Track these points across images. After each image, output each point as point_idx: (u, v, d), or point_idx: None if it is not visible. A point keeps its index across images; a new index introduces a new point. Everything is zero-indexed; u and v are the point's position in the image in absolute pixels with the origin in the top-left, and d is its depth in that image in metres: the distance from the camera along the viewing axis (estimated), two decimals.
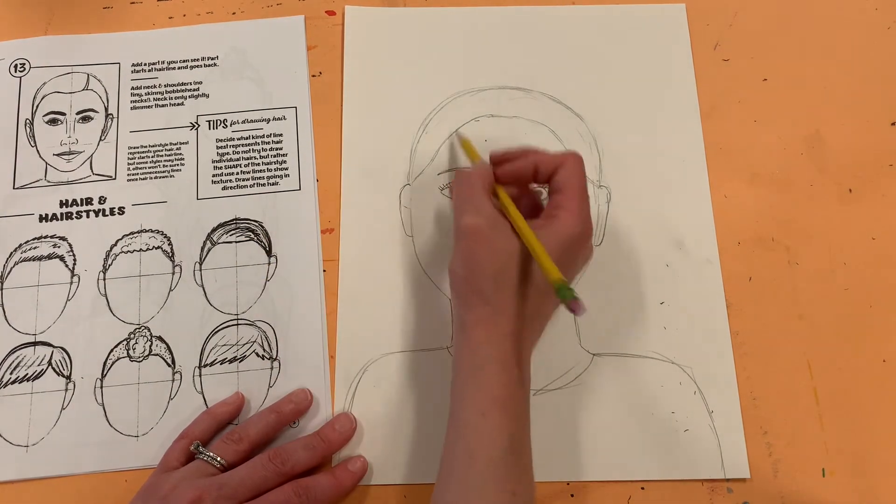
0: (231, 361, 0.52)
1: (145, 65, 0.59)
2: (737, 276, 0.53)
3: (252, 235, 0.54)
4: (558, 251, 0.43)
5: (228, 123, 0.57)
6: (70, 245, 0.54)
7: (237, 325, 0.52)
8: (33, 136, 0.57)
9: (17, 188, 0.56)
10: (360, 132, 0.57)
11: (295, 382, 0.51)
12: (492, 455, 0.40)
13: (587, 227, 0.45)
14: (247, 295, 0.53)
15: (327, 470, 0.48)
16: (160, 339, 0.52)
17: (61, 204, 0.55)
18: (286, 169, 0.56)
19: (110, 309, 0.53)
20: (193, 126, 0.57)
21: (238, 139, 0.57)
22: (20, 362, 0.52)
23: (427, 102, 0.58)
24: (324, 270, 0.54)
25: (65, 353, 0.52)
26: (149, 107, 0.58)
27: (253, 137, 0.57)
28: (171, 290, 0.53)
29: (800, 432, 0.50)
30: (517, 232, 0.44)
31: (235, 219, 0.55)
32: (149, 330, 0.52)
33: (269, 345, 0.52)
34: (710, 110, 0.58)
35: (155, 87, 0.59)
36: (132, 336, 0.52)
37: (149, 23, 0.60)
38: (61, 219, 0.55)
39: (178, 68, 0.59)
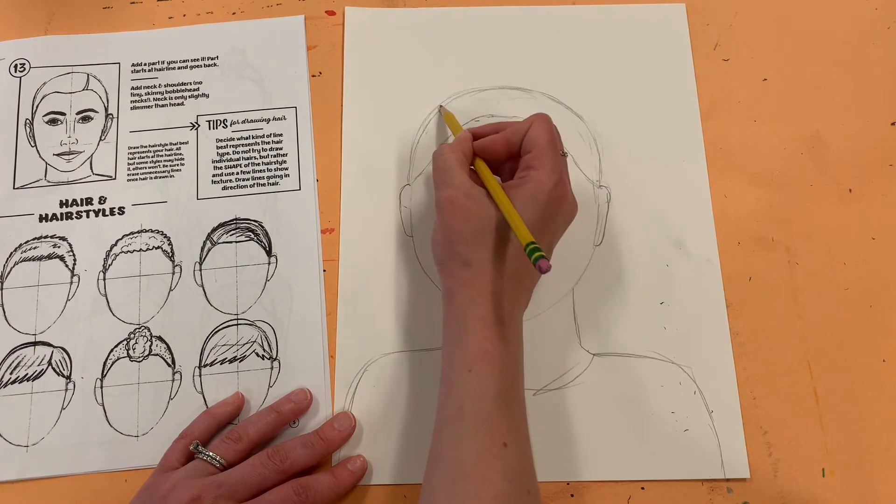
0: (231, 361, 0.52)
1: (145, 65, 0.59)
2: (737, 276, 0.53)
3: (252, 235, 0.54)
4: (532, 210, 0.44)
5: (228, 123, 0.58)
6: (70, 245, 0.54)
7: (237, 325, 0.52)
8: (33, 136, 0.57)
9: (17, 188, 0.56)
10: (360, 132, 0.57)
11: (295, 382, 0.51)
12: (480, 407, 0.41)
13: (560, 183, 0.45)
14: (247, 295, 0.53)
15: (327, 469, 0.48)
16: (160, 339, 0.52)
17: (61, 204, 0.55)
18: (286, 169, 0.56)
19: (110, 309, 0.53)
20: (193, 126, 0.57)
21: (238, 139, 0.57)
22: (20, 362, 0.52)
23: (427, 102, 0.58)
24: (324, 270, 0.54)
25: (65, 353, 0.52)
26: (149, 107, 0.58)
27: (253, 137, 0.57)
28: (171, 290, 0.53)
29: (800, 432, 0.50)
30: (491, 197, 0.45)
31: (235, 219, 0.55)
32: (149, 330, 0.52)
33: (269, 345, 0.52)
34: (710, 110, 0.58)
35: (155, 87, 0.59)
36: (132, 336, 0.52)
37: (149, 23, 0.60)
38: (61, 219, 0.55)
39: (178, 68, 0.59)
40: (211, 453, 0.46)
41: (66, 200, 0.55)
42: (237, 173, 0.56)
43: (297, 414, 0.50)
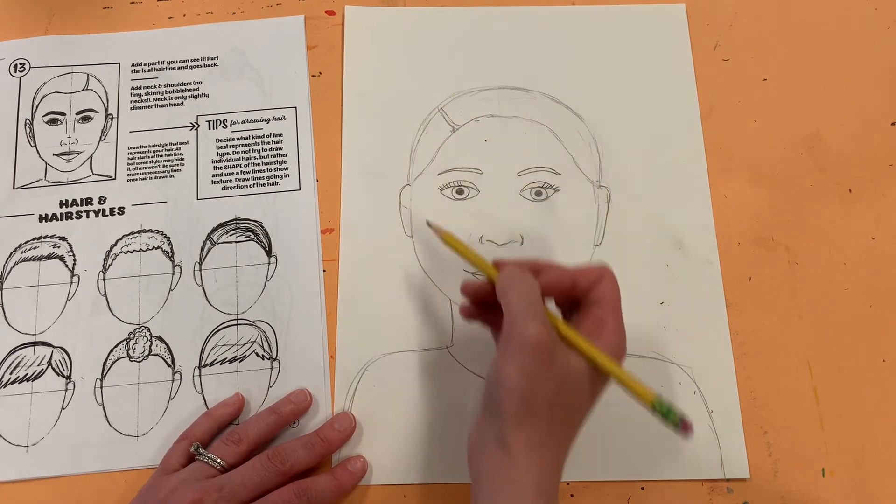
0: (231, 361, 0.52)
1: (145, 65, 0.59)
2: (737, 276, 0.53)
3: (252, 235, 0.54)
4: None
5: (228, 123, 0.57)
6: (70, 245, 0.54)
7: (237, 325, 0.52)
8: (33, 136, 0.57)
9: (17, 188, 0.56)
10: (360, 132, 0.57)
11: (295, 382, 0.51)
12: None
13: (623, 346, 0.41)
14: (247, 295, 0.53)
15: (327, 470, 0.48)
16: (160, 339, 0.52)
17: (61, 204, 0.55)
18: (286, 169, 0.56)
19: (110, 309, 0.53)
20: (193, 126, 0.57)
21: (238, 139, 0.57)
22: (20, 362, 0.51)
23: (427, 102, 0.58)
24: (324, 270, 0.54)
25: (65, 353, 0.52)
26: (149, 107, 0.58)
27: (253, 137, 0.57)
28: (170, 290, 0.53)
29: (800, 432, 0.50)
30: (578, 350, 0.40)
31: (235, 219, 0.55)
32: (149, 330, 0.52)
33: (269, 345, 0.52)
34: (710, 110, 0.58)
35: (155, 87, 0.59)
36: (132, 336, 0.52)
37: (149, 23, 0.60)
38: (61, 219, 0.55)
39: (178, 68, 0.59)
40: (211, 455, 0.46)
41: (66, 200, 0.55)
42: (237, 173, 0.56)
43: (297, 415, 0.50)
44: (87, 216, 0.55)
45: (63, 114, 0.58)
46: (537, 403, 0.38)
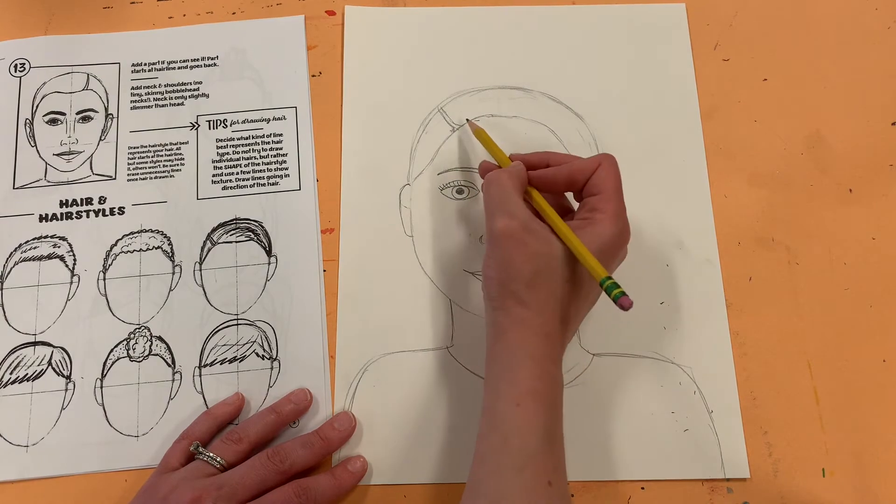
0: (231, 361, 0.52)
1: (145, 65, 0.59)
2: (737, 276, 0.53)
3: (252, 235, 0.54)
4: (595, 254, 0.42)
5: (228, 123, 0.58)
6: (70, 245, 0.54)
7: (237, 325, 0.52)
8: (33, 136, 0.57)
9: (17, 188, 0.56)
10: (360, 132, 0.57)
11: (295, 382, 0.51)
12: (527, 443, 0.40)
13: (625, 229, 0.44)
14: (247, 295, 0.53)
15: (327, 470, 0.48)
16: (160, 339, 0.52)
17: (61, 204, 0.55)
18: (286, 169, 0.56)
19: (110, 309, 0.53)
20: (193, 126, 0.57)
21: (238, 139, 0.57)
22: (20, 362, 0.52)
23: (427, 102, 0.58)
24: (324, 270, 0.54)
25: (65, 353, 0.52)
26: (149, 107, 0.58)
27: (253, 137, 0.57)
28: (171, 290, 0.53)
29: (800, 432, 0.50)
30: (555, 233, 0.43)
31: (235, 219, 0.55)
32: (149, 330, 0.52)
33: (269, 345, 0.52)
34: (710, 110, 0.58)
35: (155, 87, 0.59)
36: (132, 336, 0.52)
37: (149, 23, 0.60)
38: (61, 219, 0.55)
39: (178, 68, 0.59)
40: (211, 454, 0.46)
41: (66, 200, 0.55)
42: (237, 173, 0.56)
43: (298, 415, 0.50)
44: (88, 216, 0.55)
45: (63, 114, 0.58)
46: (516, 287, 0.42)
